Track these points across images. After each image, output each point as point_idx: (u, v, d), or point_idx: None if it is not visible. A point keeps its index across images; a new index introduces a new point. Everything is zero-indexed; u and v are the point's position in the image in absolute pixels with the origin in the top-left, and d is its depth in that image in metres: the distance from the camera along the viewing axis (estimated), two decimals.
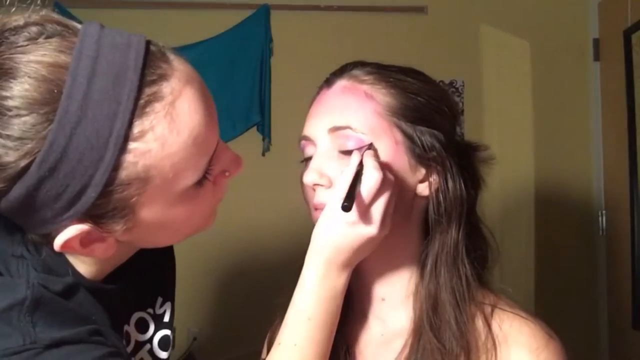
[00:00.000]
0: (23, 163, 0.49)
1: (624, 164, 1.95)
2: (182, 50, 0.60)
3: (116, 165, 0.51)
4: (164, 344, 0.77)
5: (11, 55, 0.50)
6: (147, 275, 0.76)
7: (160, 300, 0.78)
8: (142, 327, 0.75)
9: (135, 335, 0.74)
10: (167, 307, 0.79)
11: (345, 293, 0.67)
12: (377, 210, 0.63)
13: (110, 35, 0.53)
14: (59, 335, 0.55)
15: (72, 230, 0.54)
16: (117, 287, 0.67)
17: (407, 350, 0.69)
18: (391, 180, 0.64)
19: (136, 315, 0.75)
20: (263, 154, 2.14)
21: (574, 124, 2.21)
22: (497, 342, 0.66)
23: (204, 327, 1.98)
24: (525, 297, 2.06)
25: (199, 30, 2.09)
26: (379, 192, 0.62)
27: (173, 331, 0.81)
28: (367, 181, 0.62)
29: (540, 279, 2.17)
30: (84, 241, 0.56)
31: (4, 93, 0.48)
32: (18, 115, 0.48)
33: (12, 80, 0.49)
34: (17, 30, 0.51)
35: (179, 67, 0.56)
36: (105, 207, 0.54)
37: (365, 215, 0.62)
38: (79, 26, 0.54)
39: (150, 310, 0.77)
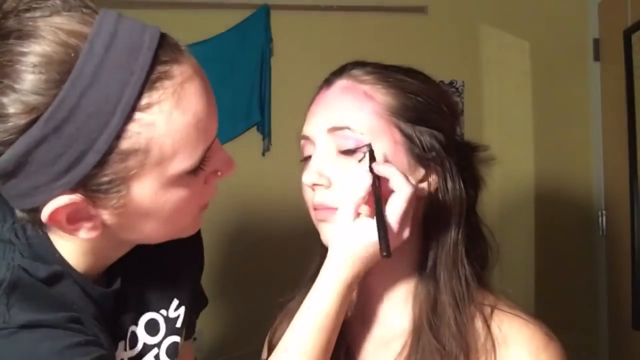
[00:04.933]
0: (30, 117, 0.50)
1: (624, 164, 1.94)
2: None
3: (119, 133, 0.53)
4: (172, 351, 0.75)
5: (35, 21, 0.52)
6: (166, 274, 0.75)
7: (175, 302, 0.77)
8: (153, 328, 0.74)
9: (144, 337, 0.73)
10: (181, 312, 0.77)
11: None
12: (406, 223, 0.63)
13: (129, 20, 0.56)
14: (34, 317, 0.55)
15: (63, 199, 0.55)
16: (111, 290, 0.67)
17: (406, 351, 0.69)
18: (414, 189, 0.63)
19: (146, 317, 0.74)
20: (263, 154, 2.13)
21: (574, 124, 2.21)
22: (496, 344, 0.66)
23: (204, 327, 1.98)
24: (525, 297, 2.06)
25: (199, 30, 2.08)
26: (407, 210, 0.63)
27: (188, 336, 0.79)
28: (396, 206, 0.62)
29: (540, 279, 2.17)
30: (71, 217, 0.56)
31: (23, 49, 0.50)
32: (33, 72, 0.50)
33: (32, 40, 0.51)
34: (42, 1, 0.53)
35: (189, 57, 0.59)
36: (101, 177, 0.54)
37: (395, 233, 0.62)
38: (99, 9, 0.56)
39: (164, 312, 0.75)
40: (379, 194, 0.62)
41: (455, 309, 0.67)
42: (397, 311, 0.73)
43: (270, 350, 0.76)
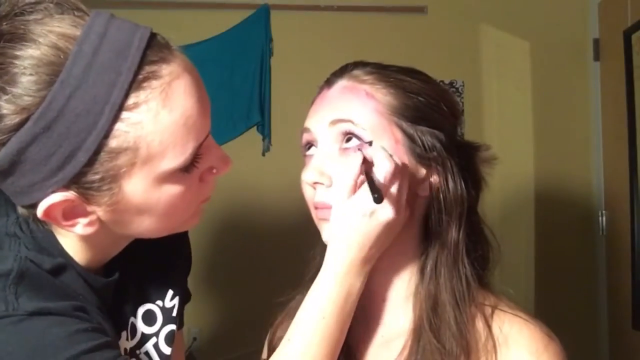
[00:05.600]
0: (21, 117, 0.52)
1: (624, 164, 1.94)
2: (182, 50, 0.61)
3: (108, 132, 0.54)
4: (169, 339, 0.77)
5: (27, 24, 0.53)
6: (161, 267, 0.77)
7: (170, 293, 0.79)
8: (150, 319, 0.76)
9: (142, 327, 0.75)
10: (176, 302, 0.79)
11: None
12: (392, 194, 0.63)
13: (120, 21, 0.57)
14: (42, 305, 0.57)
15: (57, 196, 0.56)
16: (111, 280, 0.69)
17: (407, 351, 0.69)
18: (401, 165, 0.64)
19: (144, 307, 0.76)
20: (263, 154, 2.14)
21: (574, 124, 2.21)
22: (497, 344, 0.66)
23: (204, 327, 1.98)
24: (525, 297, 2.06)
25: (199, 30, 2.09)
26: (393, 177, 0.63)
27: (178, 327, 0.81)
28: (381, 169, 0.63)
29: (540, 279, 2.17)
30: (67, 212, 0.58)
31: (16, 53, 0.52)
32: (24, 74, 0.52)
33: (24, 43, 0.52)
34: (36, 4, 0.55)
35: (180, 56, 0.59)
36: (92, 175, 0.56)
37: (386, 188, 0.63)
38: (91, 11, 0.57)
39: (160, 303, 0.78)
40: (369, 168, 0.63)
41: (456, 309, 0.67)
42: (398, 311, 0.73)
43: (270, 351, 0.76)
